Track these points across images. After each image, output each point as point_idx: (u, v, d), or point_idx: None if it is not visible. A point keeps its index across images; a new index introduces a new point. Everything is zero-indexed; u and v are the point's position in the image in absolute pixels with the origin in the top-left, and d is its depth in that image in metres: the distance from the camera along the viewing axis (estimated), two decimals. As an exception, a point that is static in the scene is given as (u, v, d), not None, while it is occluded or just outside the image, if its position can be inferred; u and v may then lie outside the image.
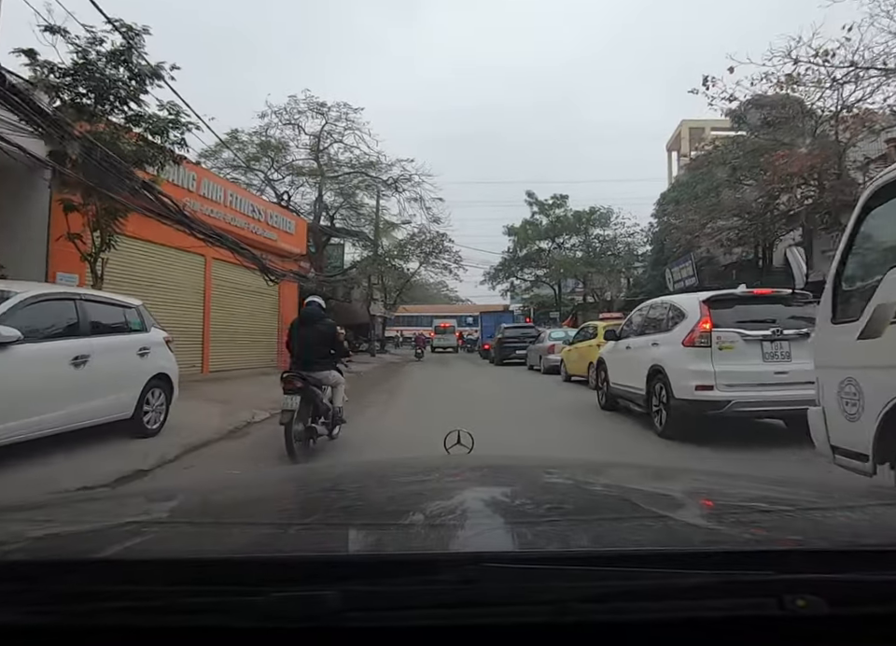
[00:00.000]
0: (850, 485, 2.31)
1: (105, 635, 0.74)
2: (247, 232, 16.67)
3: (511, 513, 1.19)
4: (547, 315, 41.11)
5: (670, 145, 40.87)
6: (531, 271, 40.64)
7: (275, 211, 19.31)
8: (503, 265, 40.22)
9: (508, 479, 1.56)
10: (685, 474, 1.96)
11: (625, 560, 0.79)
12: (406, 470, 1.73)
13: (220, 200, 15.51)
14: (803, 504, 1.27)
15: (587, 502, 1.31)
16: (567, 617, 0.72)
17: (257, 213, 17.37)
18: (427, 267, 43.54)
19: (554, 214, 37.94)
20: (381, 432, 8.06)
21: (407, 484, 1.50)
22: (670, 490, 1.47)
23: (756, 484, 1.59)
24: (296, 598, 0.71)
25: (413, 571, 0.76)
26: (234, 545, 0.96)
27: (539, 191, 38.68)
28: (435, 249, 43.23)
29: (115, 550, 0.93)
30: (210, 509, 1.31)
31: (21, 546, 0.96)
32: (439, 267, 43.20)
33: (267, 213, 18.20)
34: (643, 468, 2.20)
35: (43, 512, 1.27)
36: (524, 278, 41.35)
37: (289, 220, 20.00)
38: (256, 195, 19.45)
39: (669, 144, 40.95)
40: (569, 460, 2.81)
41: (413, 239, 41.91)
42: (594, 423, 8.95)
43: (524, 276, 41.21)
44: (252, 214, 17.05)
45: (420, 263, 43.50)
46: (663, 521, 1.09)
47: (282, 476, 2.11)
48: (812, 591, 0.73)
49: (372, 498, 1.35)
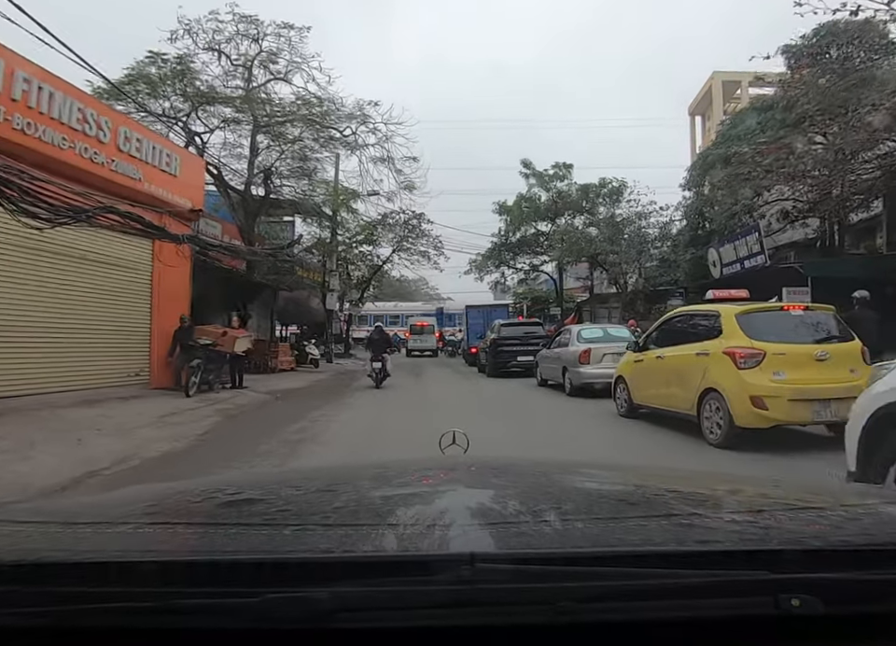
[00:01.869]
0: (846, 485, 2.13)
1: (100, 636, 0.74)
2: (75, 157, 9.72)
3: (506, 514, 1.18)
4: (544, 313, 34.44)
5: (694, 107, 34.45)
6: (527, 259, 33.92)
7: (144, 134, 12.30)
8: (493, 251, 33.49)
9: (503, 479, 1.55)
10: (680, 474, 1.97)
11: (621, 560, 0.79)
12: (401, 471, 1.70)
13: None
14: (798, 504, 1.26)
15: (582, 502, 1.30)
16: (562, 617, 0.72)
17: (95, 127, 10.38)
18: (400, 254, 36.83)
19: (555, 187, 31.25)
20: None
21: (401, 485, 1.49)
22: (665, 490, 1.41)
23: (752, 484, 1.60)
24: (290, 600, 0.71)
25: (407, 572, 0.76)
26: (228, 546, 0.94)
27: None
28: (410, 233, 36.48)
29: (109, 551, 0.93)
30: (204, 510, 1.27)
31: (16, 548, 0.95)
32: (415, 254, 36.53)
33: (123, 133, 11.19)
34: (638, 468, 2.19)
35: (37, 514, 1.28)
36: (517, 267, 34.61)
37: (172, 154, 12.92)
38: (124, 115, 12.13)
39: (693, 106, 34.52)
40: (565, 461, 2.88)
41: (385, 221, 35.12)
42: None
43: (517, 265, 34.49)
44: (83, 127, 10.08)
45: (393, 250, 36.72)
46: (658, 521, 1.06)
47: (276, 477, 2.09)
48: (807, 591, 0.73)
49: (367, 499, 1.34)
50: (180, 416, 9.54)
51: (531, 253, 33.33)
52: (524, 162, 31.54)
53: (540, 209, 31.27)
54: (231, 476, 2.96)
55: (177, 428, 8.66)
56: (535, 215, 31.29)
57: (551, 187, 31.41)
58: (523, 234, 32.93)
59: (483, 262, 34.16)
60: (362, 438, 8.26)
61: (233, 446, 7.70)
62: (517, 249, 32.83)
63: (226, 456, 6.83)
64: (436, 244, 35.61)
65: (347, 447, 7.53)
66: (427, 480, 1.54)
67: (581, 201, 30.52)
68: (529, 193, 31.46)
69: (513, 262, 34.15)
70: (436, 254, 35.43)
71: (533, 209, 31.28)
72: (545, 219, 32.03)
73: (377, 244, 35.08)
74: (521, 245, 32.71)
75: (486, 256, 33.89)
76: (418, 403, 12.29)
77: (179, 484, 1.62)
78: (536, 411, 11.15)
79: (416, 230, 35.09)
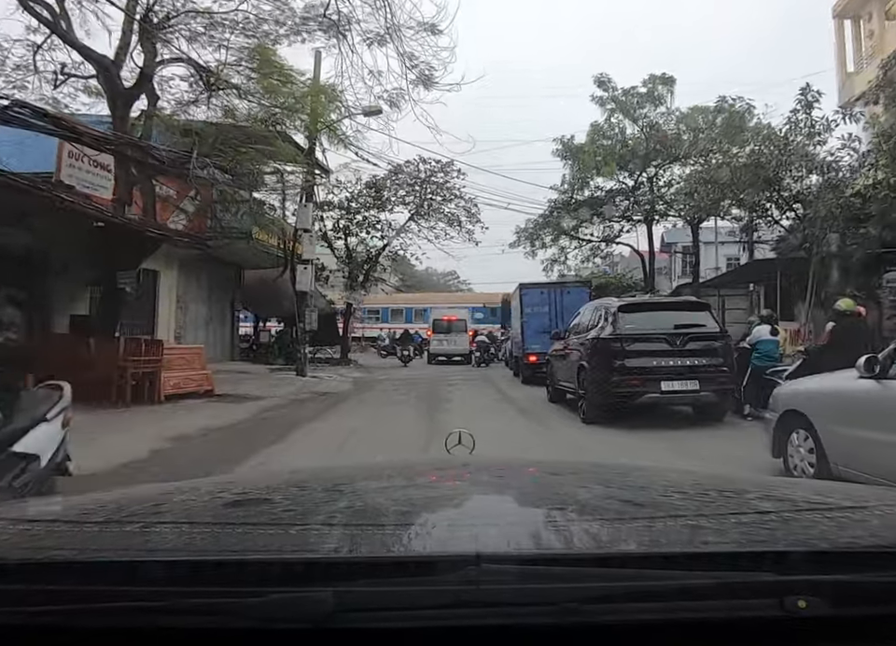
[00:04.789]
0: (850, 486, 2.07)
1: (106, 635, 0.74)
2: None
3: (512, 514, 1.20)
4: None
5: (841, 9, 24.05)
6: (602, 223, 23.80)
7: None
8: (550, 214, 23.50)
9: (508, 480, 1.54)
10: (686, 475, 1.89)
11: (627, 561, 0.80)
12: (406, 471, 1.72)
13: None
14: (803, 505, 1.23)
15: (588, 503, 1.28)
16: (567, 618, 0.72)
17: None
18: (420, 223, 27.00)
19: (645, 117, 21.17)
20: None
21: (407, 485, 1.50)
22: (671, 491, 1.40)
23: (756, 486, 1.57)
24: (295, 599, 0.71)
25: (412, 572, 0.76)
26: (234, 546, 0.94)
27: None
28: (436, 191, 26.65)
29: (115, 550, 0.92)
30: (210, 509, 1.26)
31: (23, 546, 0.95)
32: (440, 220, 26.65)
33: None
34: (644, 469, 2.13)
35: (42, 513, 1.29)
36: (583, 238, 24.50)
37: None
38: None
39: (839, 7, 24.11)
40: (570, 462, 2.83)
41: (397, 176, 25.33)
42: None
43: (584, 235, 24.40)
44: None
45: (411, 213, 26.90)
46: (664, 522, 1.06)
47: (282, 477, 1.96)
48: (813, 592, 0.73)
49: (372, 499, 1.33)
50: None
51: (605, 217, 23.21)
52: (598, 81, 21.37)
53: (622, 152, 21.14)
54: (238, 476, 2.85)
55: None
56: (614, 157, 21.12)
57: (639, 115, 21.29)
58: (595, 190, 22.91)
59: (536, 232, 24.15)
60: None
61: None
62: (587, 207, 22.67)
63: None
64: (469, 207, 25.77)
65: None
66: (433, 480, 1.55)
67: (696, 132, 20.30)
68: (606, 125, 21.35)
69: (579, 231, 24.07)
70: (469, 220, 25.56)
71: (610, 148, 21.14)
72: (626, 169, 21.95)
73: (386, 207, 25.35)
74: (594, 204, 22.62)
75: (542, 221, 23.87)
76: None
77: (186, 484, 1.56)
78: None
79: (443, 188, 25.29)
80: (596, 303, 10.39)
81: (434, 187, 25.10)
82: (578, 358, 9.27)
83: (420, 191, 24.88)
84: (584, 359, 8.92)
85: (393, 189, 25.07)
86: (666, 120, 21.28)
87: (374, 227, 25.18)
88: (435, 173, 24.81)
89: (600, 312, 9.27)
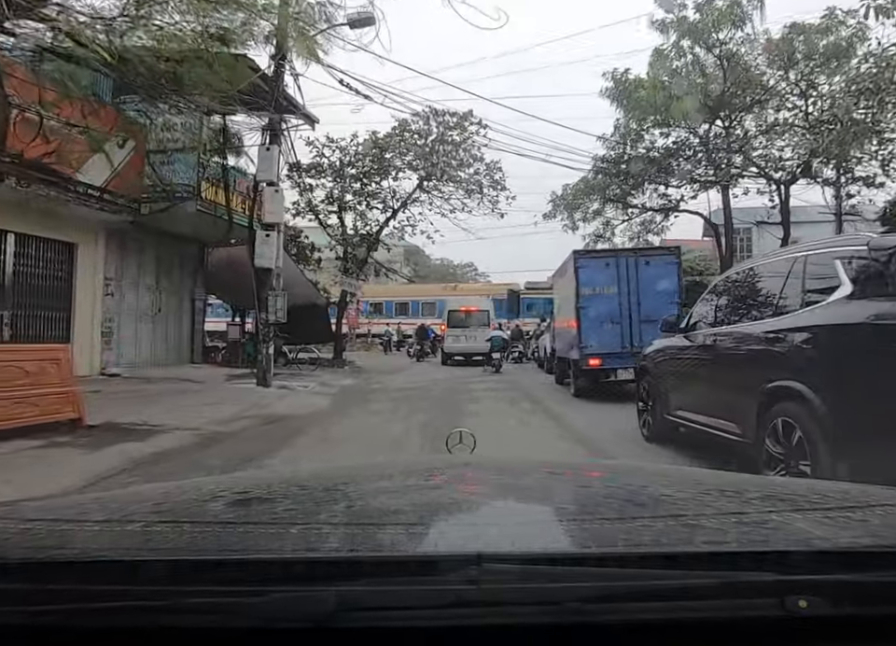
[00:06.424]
0: (851, 486, 1.84)
1: (107, 635, 0.74)
2: None
3: (513, 514, 1.19)
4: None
5: None
6: (656, 190, 18.93)
7: None
8: (595, 176, 18.64)
9: (509, 479, 1.53)
10: (687, 475, 1.91)
11: (628, 561, 0.79)
12: (407, 470, 1.71)
13: None
14: (803, 505, 1.20)
15: (589, 502, 1.28)
16: (569, 618, 0.72)
17: None
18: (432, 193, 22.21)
19: (722, 44, 16.24)
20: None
21: (408, 484, 1.49)
22: (672, 491, 1.36)
23: (757, 485, 1.56)
24: (297, 598, 0.71)
25: (413, 572, 0.76)
26: (235, 545, 0.92)
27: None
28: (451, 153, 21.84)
29: (117, 550, 0.92)
30: (212, 509, 1.23)
31: (24, 546, 0.93)
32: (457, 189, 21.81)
33: None
34: (645, 468, 2.14)
35: (45, 512, 1.24)
36: (636, 205, 19.62)
37: None
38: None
39: None
40: (571, 462, 2.78)
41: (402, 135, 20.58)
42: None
43: (636, 201, 19.53)
44: None
45: (420, 180, 22.06)
46: (665, 521, 1.05)
47: (284, 476, 1.96)
48: (814, 592, 0.73)
49: (373, 498, 1.32)
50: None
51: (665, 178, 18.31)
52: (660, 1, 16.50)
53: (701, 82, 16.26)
54: (239, 475, 2.80)
55: None
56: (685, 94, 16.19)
57: (714, 42, 16.35)
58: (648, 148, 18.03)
59: (578, 197, 19.27)
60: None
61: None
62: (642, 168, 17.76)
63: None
64: (492, 171, 20.95)
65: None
66: (434, 479, 1.55)
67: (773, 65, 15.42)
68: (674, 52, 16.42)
69: (633, 197, 19.16)
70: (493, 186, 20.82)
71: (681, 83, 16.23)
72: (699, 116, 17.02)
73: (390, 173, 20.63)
74: (651, 163, 17.70)
75: (584, 187, 19.01)
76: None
77: (188, 483, 1.57)
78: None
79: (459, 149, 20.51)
80: (802, 251, 4.66)
81: (450, 147, 20.36)
82: (760, 370, 4.35)
83: (431, 154, 20.14)
84: (796, 375, 3.93)
85: (399, 150, 20.36)
86: (751, 48, 16.34)
87: (375, 196, 20.45)
88: (450, 128, 20.06)
89: (827, 266, 4.12)
